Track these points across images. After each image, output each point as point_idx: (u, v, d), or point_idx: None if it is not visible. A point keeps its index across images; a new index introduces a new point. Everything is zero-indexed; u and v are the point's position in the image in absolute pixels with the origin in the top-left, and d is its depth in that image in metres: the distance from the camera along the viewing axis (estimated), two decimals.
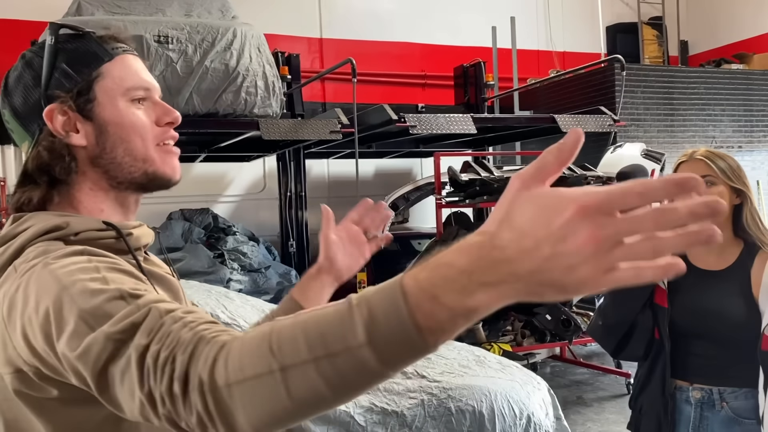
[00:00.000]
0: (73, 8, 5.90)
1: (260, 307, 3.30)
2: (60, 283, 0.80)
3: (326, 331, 0.62)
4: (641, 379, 2.02)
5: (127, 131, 0.98)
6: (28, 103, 0.98)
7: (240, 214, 8.36)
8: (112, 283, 0.80)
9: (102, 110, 0.97)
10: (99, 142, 0.97)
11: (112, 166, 0.98)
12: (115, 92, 0.98)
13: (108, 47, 1.00)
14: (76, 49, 0.98)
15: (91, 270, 0.82)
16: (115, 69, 0.99)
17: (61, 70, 0.97)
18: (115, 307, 0.76)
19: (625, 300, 1.95)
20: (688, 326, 1.89)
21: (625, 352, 2.01)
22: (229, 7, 6.37)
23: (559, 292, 0.55)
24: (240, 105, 5.53)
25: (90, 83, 0.97)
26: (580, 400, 5.35)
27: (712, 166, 1.88)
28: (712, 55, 10.27)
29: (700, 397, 1.90)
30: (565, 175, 5.57)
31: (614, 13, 10.60)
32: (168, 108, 1.02)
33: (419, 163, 9.52)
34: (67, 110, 0.96)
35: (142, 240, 1.01)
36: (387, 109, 5.90)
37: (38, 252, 0.89)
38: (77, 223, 0.93)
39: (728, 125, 8.32)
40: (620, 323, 1.96)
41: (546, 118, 6.72)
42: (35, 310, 0.81)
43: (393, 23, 9.46)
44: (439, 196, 5.68)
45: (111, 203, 1.00)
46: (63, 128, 0.96)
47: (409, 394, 2.83)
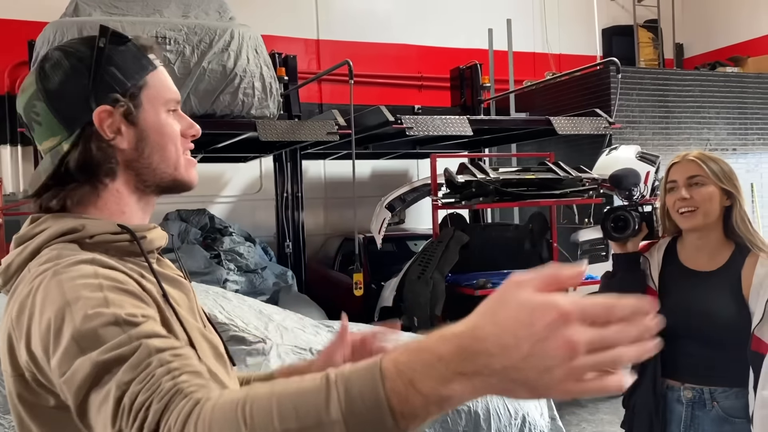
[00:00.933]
0: (71, 9, 5.91)
1: (257, 308, 3.32)
2: (64, 297, 0.83)
3: (300, 405, 0.62)
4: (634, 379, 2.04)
5: (165, 139, 1.03)
6: (75, 101, 0.98)
7: (236, 215, 8.37)
8: (111, 306, 0.81)
9: (146, 117, 1.01)
10: (138, 147, 1.01)
11: (147, 171, 1.02)
12: (158, 101, 1.03)
13: (150, 58, 1.04)
14: (126, 55, 1.01)
15: (95, 288, 0.84)
16: (156, 80, 1.03)
17: (113, 74, 0.99)
18: (108, 333, 0.78)
19: None
20: (678, 326, 1.90)
21: None
22: (227, 9, 6.38)
23: (529, 392, 0.58)
24: (237, 106, 5.54)
25: (139, 90, 1.01)
26: (575, 401, 5.37)
27: (704, 167, 1.91)
28: (707, 58, 10.32)
29: (691, 397, 1.91)
30: (560, 177, 5.60)
31: (610, 16, 10.65)
32: (191, 121, 1.08)
33: (416, 165, 9.55)
34: (115, 113, 0.99)
35: (155, 243, 1.04)
36: (384, 111, 5.92)
37: (51, 256, 0.91)
38: (93, 226, 0.95)
39: (723, 128, 8.36)
40: None
41: (542, 120, 6.75)
42: (39, 320, 0.84)
43: (390, 25, 9.48)
44: (436, 198, 5.70)
45: (134, 205, 1.04)
46: (110, 130, 0.99)
47: None
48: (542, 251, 6.21)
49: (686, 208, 1.91)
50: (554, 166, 5.77)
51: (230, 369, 1.09)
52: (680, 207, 1.92)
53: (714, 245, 1.95)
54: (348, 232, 7.43)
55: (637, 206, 2.06)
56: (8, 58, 7.63)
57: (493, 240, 6.18)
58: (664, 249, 2.03)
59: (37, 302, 0.85)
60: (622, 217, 2.01)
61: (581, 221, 6.14)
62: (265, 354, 2.89)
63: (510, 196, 5.44)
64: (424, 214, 7.17)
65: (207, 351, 1.02)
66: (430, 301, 5.13)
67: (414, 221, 8.07)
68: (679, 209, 1.92)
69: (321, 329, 3.41)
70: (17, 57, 7.35)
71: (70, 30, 5.17)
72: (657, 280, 1.99)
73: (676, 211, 1.94)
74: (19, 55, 7.07)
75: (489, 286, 5.19)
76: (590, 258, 6.19)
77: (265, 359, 2.86)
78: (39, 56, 5.24)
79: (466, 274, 5.46)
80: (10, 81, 7.74)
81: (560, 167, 5.74)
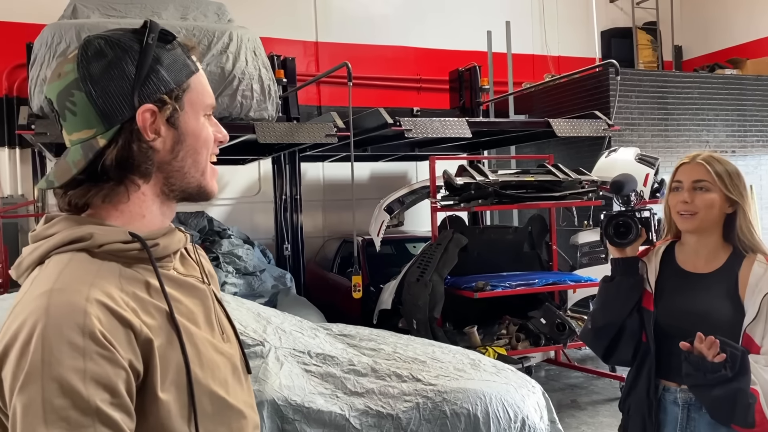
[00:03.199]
0: (69, 11, 5.90)
1: (255, 310, 3.31)
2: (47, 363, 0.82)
3: None
4: (630, 382, 2.05)
5: (200, 144, 1.02)
6: (115, 95, 0.94)
7: (235, 217, 8.36)
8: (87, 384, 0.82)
9: (186, 120, 0.99)
10: (174, 149, 0.99)
11: (177, 174, 1.00)
12: (198, 105, 1.01)
13: (193, 59, 1.02)
14: (173, 56, 0.99)
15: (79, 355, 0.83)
16: (197, 83, 1.01)
17: (160, 73, 0.97)
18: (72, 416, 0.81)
19: (613, 303, 1.98)
20: (673, 328, 1.92)
21: (614, 356, 2.04)
22: (225, 11, 6.38)
23: None
24: (236, 108, 5.53)
25: (182, 92, 0.99)
26: (575, 404, 5.36)
27: (711, 172, 1.90)
28: (705, 60, 10.33)
29: (687, 398, 1.91)
30: (559, 179, 5.59)
31: (609, 18, 10.66)
32: (220, 127, 1.06)
33: (414, 167, 9.54)
34: (158, 113, 0.96)
35: (171, 247, 1.01)
36: (382, 113, 5.91)
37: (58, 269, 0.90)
38: (102, 235, 0.94)
39: (722, 130, 8.36)
40: (608, 326, 1.98)
41: (541, 122, 6.74)
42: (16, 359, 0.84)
43: (388, 27, 9.48)
44: (434, 200, 5.69)
45: (155, 210, 1.01)
46: (152, 131, 0.96)
47: (405, 398, 2.83)
48: (541, 253, 6.21)
49: (686, 211, 1.92)
50: (553, 168, 5.77)
51: (245, 378, 1.07)
52: (681, 209, 1.93)
53: (712, 248, 1.95)
54: (347, 234, 7.42)
55: (635, 211, 2.07)
56: (6, 61, 7.62)
57: (492, 242, 6.17)
58: (661, 253, 2.04)
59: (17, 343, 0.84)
60: (623, 222, 2.02)
61: (580, 223, 6.14)
62: (264, 357, 2.88)
63: (509, 198, 5.43)
64: (423, 217, 7.16)
65: (220, 365, 1.00)
66: (428, 304, 5.12)
67: (413, 223, 8.06)
68: (679, 211, 1.94)
69: (319, 332, 3.39)
70: (15, 59, 7.34)
71: (68, 32, 5.16)
72: (654, 284, 1.99)
73: (676, 211, 1.95)
74: (18, 58, 7.07)
75: (488, 288, 5.17)
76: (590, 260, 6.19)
77: (263, 362, 2.85)
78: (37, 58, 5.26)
79: (465, 277, 5.45)
80: (8, 83, 7.73)
81: (559, 169, 5.73)
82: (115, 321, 0.87)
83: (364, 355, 3.17)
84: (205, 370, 0.96)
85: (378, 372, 2.98)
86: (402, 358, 3.18)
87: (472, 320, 5.54)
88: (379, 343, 3.39)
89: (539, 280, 5.48)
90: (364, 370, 2.97)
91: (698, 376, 1.77)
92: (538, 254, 6.19)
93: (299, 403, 2.69)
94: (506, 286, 5.27)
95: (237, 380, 1.03)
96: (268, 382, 2.73)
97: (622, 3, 10.75)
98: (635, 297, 1.97)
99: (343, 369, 2.96)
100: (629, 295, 1.97)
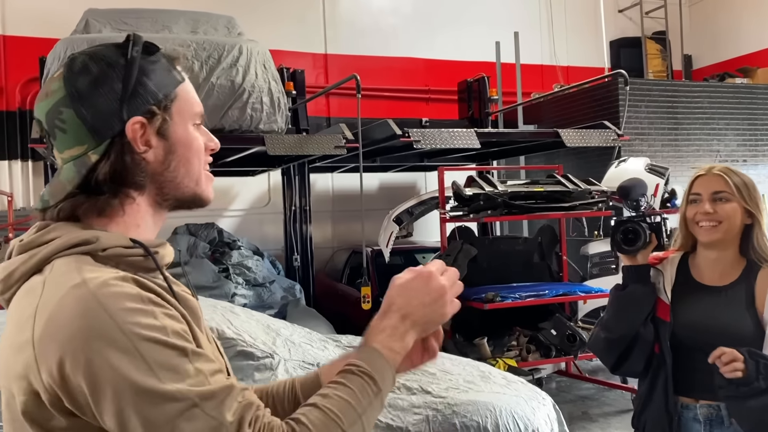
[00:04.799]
0: (81, 25, 5.98)
1: (265, 322, 3.31)
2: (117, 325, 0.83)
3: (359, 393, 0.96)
4: (643, 396, 2.01)
5: (192, 153, 1.02)
6: (104, 110, 0.95)
7: (245, 229, 8.38)
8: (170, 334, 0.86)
9: (176, 130, 1.00)
10: (166, 160, 0.99)
11: (170, 185, 1.01)
12: (186, 115, 1.02)
13: (178, 69, 1.03)
14: (159, 67, 1.00)
15: (147, 313, 0.86)
16: (184, 92, 1.02)
17: (147, 85, 0.97)
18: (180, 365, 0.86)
19: (628, 313, 1.95)
20: (691, 340, 1.90)
21: (624, 366, 2.01)
22: (235, 24, 6.44)
23: (435, 326, 1.09)
24: (246, 121, 5.57)
25: (170, 103, 1.00)
26: (586, 416, 5.32)
27: (730, 183, 1.90)
28: (715, 70, 10.29)
29: (708, 414, 1.89)
30: (569, 190, 5.58)
31: (618, 28, 10.65)
32: (211, 135, 1.07)
33: (423, 177, 9.55)
34: (147, 125, 0.97)
35: (165, 259, 1.02)
36: (391, 124, 5.93)
37: (71, 268, 0.88)
38: (106, 238, 0.93)
39: (732, 139, 8.32)
40: (623, 337, 1.95)
41: (550, 132, 6.73)
42: (82, 348, 0.82)
43: (397, 38, 9.52)
44: (443, 211, 5.69)
45: (149, 219, 1.02)
46: (142, 143, 0.97)
47: (414, 410, 2.82)
48: (551, 264, 6.18)
49: (709, 222, 1.90)
50: (563, 179, 5.75)
51: None
52: (702, 220, 1.90)
53: (728, 261, 1.94)
54: (356, 245, 7.43)
55: (645, 217, 2.04)
56: (20, 75, 7.72)
57: (501, 253, 6.15)
58: (677, 263, 2.01)
59: (77, 327, 0.82)
60: (631, 229, 1.99)
61: (590, 234, 6.11)
62: (273, 369, 2.88)
63: (518, 208, 5.42)
64: (432, 227, 7.16)
65: None
66: None
67: (422, 234, 8.06)
68: (700, 222, 1.91)
69: (329, 344, 3.39)
70: (29, 73, 7.43)
71: (80, 46, 5.22)
72: (670, 294, 1.96)
73: (696, 223, 1.92)
74: (31, 72, 7.15)
75: (498, 299, 5.15)
76: (600, 271, 6.15)
77: (272, 374, 2.85)
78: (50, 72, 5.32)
79: (474, 288, 5.43)
80: (21, 97, 7.82)
81: (569, 180, 5.72)
82: (152, 294, 0.90)
83: None
84: None
85: None
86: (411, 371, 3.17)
87: (482, 332, 5.52)
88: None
89: (549, 291, 5.45)
90: None
91: (731, 388, 1.74)
92: (548, 265, 6.17)
93: None
94: (516, 297, 5.25)
95: None
96: None
97: (630, 12, 10.75)
98: (649, 306, 1.94)
99: None
100: (643, 304, 1.94)
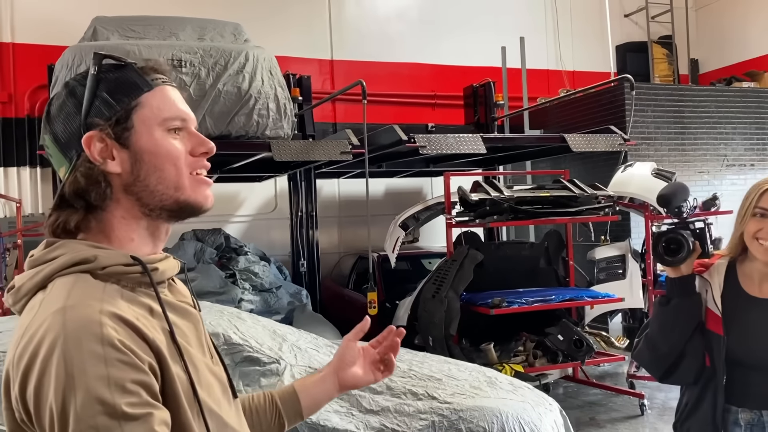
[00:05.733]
0: (89, 33, 6.02)
1: (271, 328, 3.31)
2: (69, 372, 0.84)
3: None
4: (690, 404, 1.96)
5: (161, 160, 1.00)
6: (69, 129, 1.00)
7: (252, 234, 8.41)
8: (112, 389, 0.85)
9: (138, 139, 0.99)
10: (134, 170, 0.99)
11: (145, 194, 1.00)
12: (153, 122, 1.01)
13: (148, 78, 1.02)
14: (118, 78, 1.01)
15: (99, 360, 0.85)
16: (153, 99, 1.01)
17: (102, 98, 0.99)
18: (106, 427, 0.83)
19: (673, 327, 1.89)
20: (744, 355, 1.85)
21: (674, 377, 1.95)
22: (242, 31, 6.47)
23: None
24: (252, 127, 5.59)
25: (129, 112, 0.99)
26: (593, 421, 5.29)
27: None
28: (722, 74, 10.26)
29: (749, 419, 1.87)
30: (575, 195, 5.57)
31: (624, 32, 10.65)
32: (203, 138, 1.05)
33: (429, 183, 9.55)
34: (105, 138, 0.98)
35: (167, 273, 1.03)
36: (397, 130, 5.94)
37: (62, 294, 0.91)
38: (105, 257, 0.96)
39: (740, 143, 8.29)
40: (671, 352, 1.90)
41: (556, 137, 6.73)
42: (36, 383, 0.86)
43: (403, 44, 9.54)
44: (449, 216, 5.69)
45: (142, 232, 1.02)
46: (100, 155, 0.98)
47: (420, 416, 2.82)
48: (558, 269, 6.17)
49: (766, 240, 1.83)
50: (569, 184, 5.74)
51: (234, 402, 1.10)
52: (763, 237, 1.83)
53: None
54: (362, 250, 7.43)
55: (688, 224, 1.96)
56: (28, 82, 7.78)
57: (508, 258, 6.14)
58: (724, 271, 1.93)
59: (38, 360, 0.86)
60: (674, 238, 1.90)
61: (597, 239, 6.09)
62: (279, 374, 2.89)
63: (524, 214, 5.41)
64: (438, 233, 7.16)
65: (214, 386, 1.03)
66: (444, 320, 5.10)
67: (428, 239, 8.05)
68: (762, 239, 1.83)
69: (335, 349, 3.39)
70: (37, 80, 7.50)
71: (88, 54, 5.26)
72: (720, 303, 1.90)
73: (754, 238, 1.85)
74: (39, 79, 7.21)
75: (504, 304, 5.14)
76: (607, 276, 6.13)
77: (279, 379, 2.86)
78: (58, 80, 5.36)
79: (481, 293, 5.42)
80: (30, 104, 7.88)
81: (575, 185, 5.71)
82: (130, 330, 0.89)
83: None
84: (203, 389, 0.99)
85: (393, 390, 2.97)
86: (417, 376, 3.17)
87: (489, 337, 5.51)
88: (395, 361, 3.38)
89: (556, 296, 5.44)
90: (380, 388, 2.96)
91: None
92: (554, 270, 6.15)
93: (315, 420, 2.68)
94: (523, 302, 5.24)
95: (227, 401, 1.06)
96: None
97: (637, 17, 10.74)
98: (696, 319, 1.88)
99: None
100: (690, 318, 1.88)
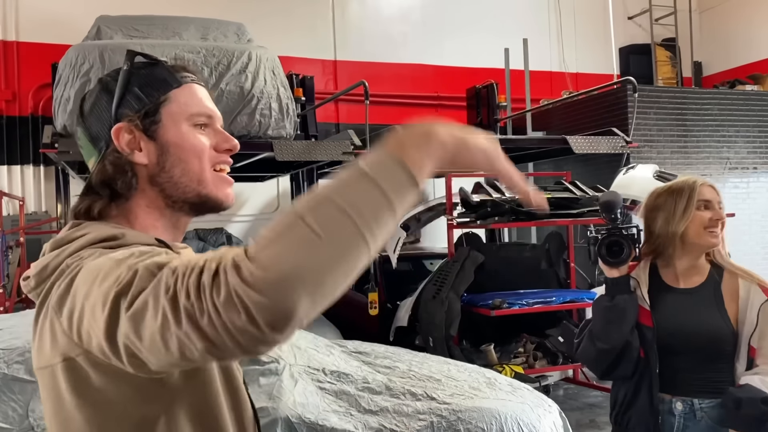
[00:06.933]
0: (93, 32, 6.04)
1: None
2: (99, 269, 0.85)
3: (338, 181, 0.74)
4: (628, 395, 2.10)
5: (186, 153, 1.04)
6: (100, 122, 1.05)
7: (254, 234, 8.40)
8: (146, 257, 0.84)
9: (166, 132, 1.04)
10: (159, 161, 1.04)
11: (169, 185, 1.04)
12: (180, 116, 1.05)
13: (177, 75, 1.07)
14: (148, 74, 1.05)
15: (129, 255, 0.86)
16: (181, 95, 1.06)
17: (133, 93, 1.04)
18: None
19: (620, 323, 2.03)
20: (672, 343, 1.99)
21: (615, 373, 2.09)
22: (245, 31, 6.48)
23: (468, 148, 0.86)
24: (254, 127, 5.60)
25: (157, 106, 1.04)
26: (593, 423, 5.29)
27: (718, 194, 2.05)
28: (725, 76, 10.25)
29: (682, 408, 2.00)
30: (576, 197, 5.57)
31: (627, 35, 10.64)
32: (228, 136, 1.10)
33: (431, 184, 9.56)
34: (134, 129, 1.03)
35: None
36: None
37: (90, 253, 0.93)
38: (132, 235, 0.98)
39: (743, 146, 8.27)
40: (615, 346, 2.04)
41: (558, 139, 6.73)
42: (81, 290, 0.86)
43: (406, 45, 9.55)
44: (451, 217, 5.70)
45: (165, 222, 1.06)
46: (128, 146, 1.03)
47: (419, 416, 2.82)
48: (559, 271, 6.16)
49: (719, 228, 2.00)
50: (571, 186, 5.74)
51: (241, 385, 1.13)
52: (714, 226, 2.00)
53: (699, 264, 2.06)
54: None
55: (621, 230, 2.12)
56: (32, 80, 7.81)
57: (509, 260, 6.14)
58: (648, 269, 2.11)
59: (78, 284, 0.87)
60: (616, 242, 2.08)
61: None
62: (278, 374, 2.89)
63: (526, 215, 5.41)
64: (440, 234, 7.16)
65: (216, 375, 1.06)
66: (445, 322, 5.11)
67: (429, 240, 8.06)
68: (711, 228, 1.99)
69: (335, 349, 3.40)
70: (41, 79, 7.52)
71: (91, 53, 5.28)
72: (648, 298, 2.06)
73: (704, 228, 2.00)
74: (43, 77, 7.24)
75: (505, 306, 5.14)
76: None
77: (278, 379, 2.86)
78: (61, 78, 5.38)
79: (481, 294, 5.42)
80: (33, 102, 7.91)
81: (577, 186, 5.71)
82: None
83: (378, 372, 3.16)
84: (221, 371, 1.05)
85: (392, 390, 2.98)
86: (417, 377, 3.17)
87: (489, 338, 5.51)
88: (394, 361, 3.38)
89: (557, 297, 5.44)
90: (379, 388, 2.97)
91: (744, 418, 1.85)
92: (555, 272, 6.15)
93: (313, 420, 2.69)
94: (523, 303, 5.24)
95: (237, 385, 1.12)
96: (283, 400, 2.73)
97: (640, 19, 10.73)
98: (635, 314, 2.04)
99: (357, 387, 2.96)
100: (631, 314, 2.03)
